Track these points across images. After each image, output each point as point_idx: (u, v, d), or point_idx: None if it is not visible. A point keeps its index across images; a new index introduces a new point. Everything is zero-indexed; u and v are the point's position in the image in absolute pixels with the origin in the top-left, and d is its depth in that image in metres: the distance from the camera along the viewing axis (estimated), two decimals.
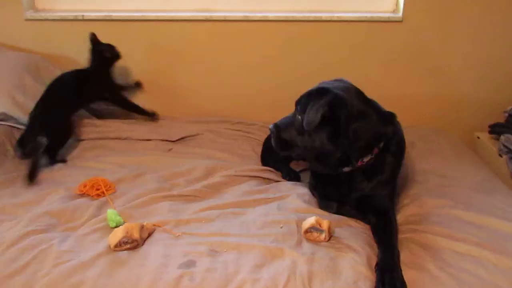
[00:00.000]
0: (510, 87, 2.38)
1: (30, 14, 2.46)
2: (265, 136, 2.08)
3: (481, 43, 2.33)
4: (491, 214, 1.51)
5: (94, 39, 2.22)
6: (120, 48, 2.46)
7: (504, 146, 2.10)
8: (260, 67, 2.46)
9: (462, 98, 2.44)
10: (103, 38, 2.45)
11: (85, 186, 1.68)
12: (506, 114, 2.22)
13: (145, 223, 1.40)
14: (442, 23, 2.31)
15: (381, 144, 1.51)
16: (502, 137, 2.13)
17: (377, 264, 1.27)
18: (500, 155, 2.13)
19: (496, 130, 2.27)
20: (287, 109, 1.70)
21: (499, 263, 1.28)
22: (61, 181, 1.77)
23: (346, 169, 1.51)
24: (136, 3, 2.51)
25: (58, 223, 1.49)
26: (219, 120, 2.42)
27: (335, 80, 1.55)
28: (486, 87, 2.41)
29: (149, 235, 1.40)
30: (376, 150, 1.50)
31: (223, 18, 2.38)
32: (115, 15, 2.42)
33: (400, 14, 2.32)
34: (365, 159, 1.49)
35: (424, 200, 1.61)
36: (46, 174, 1.84)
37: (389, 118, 1.55)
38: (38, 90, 2.23)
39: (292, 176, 1.84)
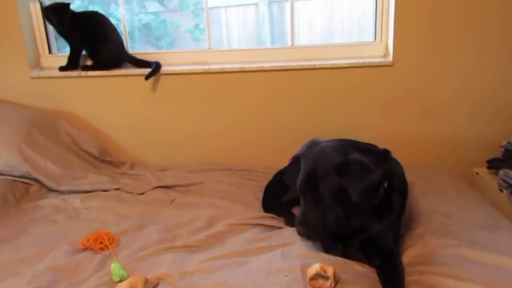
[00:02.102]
0: (502, 121, 2.43)
1: (35, 72, 2.56)
2: (266, 182, 2.09)
3: (469, 82, 2.40)
4: (496, 251, 1.50)
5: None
6: (120, 102, 2.56)
7: (504, 181, 2.11)
8: (258, 114, 2.52)
9: (457, 135, 2.48)
10: (103, 93, 2.55)
11: (88, 240, 1.67)
12: (502, 149, 2.24)
13: (149, 277, 1.39)
14: (431, 64, 2.39)
15: (386, 184, 1.50)
16: (500, 172, 2.15)
17: None
18: (501, 190, 2.13)
19: (494, 165, 2.29)
20: (286, 154, 1.75)
21: None
22: (64, 235, 1.76)
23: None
24: None
25: (61, 278, 1.48)
26: (220, 168, 2.44)
27: (312, 142, 1.59)
28: (478, 123, 2.45)
29: None
30: (382, 190, 1.49)
31: (220, 70, 2.47)
32: (116, 71, 2.52)
33: (390, 58, 2.41)
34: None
35: (428, 240, 1.60)
36: (49, 228, 1.84)
37: (384, 156, 1.55)
38: (46, 145, 2.28)
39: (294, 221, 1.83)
